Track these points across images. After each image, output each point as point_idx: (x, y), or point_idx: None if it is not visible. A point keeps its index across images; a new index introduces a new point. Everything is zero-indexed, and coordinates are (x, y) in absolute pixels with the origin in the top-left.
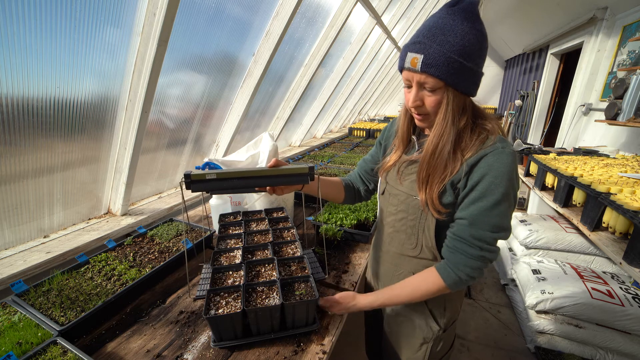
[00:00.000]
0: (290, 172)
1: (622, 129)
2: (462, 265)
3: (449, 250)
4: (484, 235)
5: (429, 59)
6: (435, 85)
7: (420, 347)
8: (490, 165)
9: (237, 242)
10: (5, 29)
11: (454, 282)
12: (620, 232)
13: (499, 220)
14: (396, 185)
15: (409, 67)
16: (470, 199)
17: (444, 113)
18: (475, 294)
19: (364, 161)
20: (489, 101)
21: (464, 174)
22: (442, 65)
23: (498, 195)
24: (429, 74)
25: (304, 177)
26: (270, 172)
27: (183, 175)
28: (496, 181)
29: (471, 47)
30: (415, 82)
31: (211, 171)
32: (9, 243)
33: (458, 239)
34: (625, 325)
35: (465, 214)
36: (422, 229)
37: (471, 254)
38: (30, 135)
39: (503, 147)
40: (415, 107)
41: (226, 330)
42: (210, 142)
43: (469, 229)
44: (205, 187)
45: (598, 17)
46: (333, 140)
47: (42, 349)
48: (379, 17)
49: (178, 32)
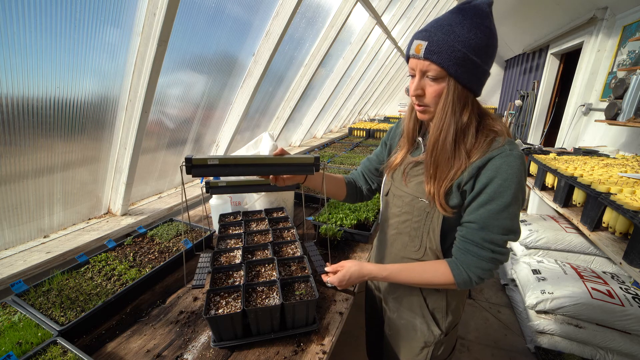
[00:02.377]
0: (295, 162)
1: (622, 129)
2: (474, 267)
3: (460, 251)
4: (494, 238)
5: (432, 45)
6: (437, 74)
7: (421, 351)
8: (498, 167)
9: (237, 242)
10: (5, 29)
11: (464, 281)
12: (620, 232)
13: (508, 223)
14: (401, 186)
15: (413, 53)
16: (479, 202)
17: (444, 103)
18: (475, 294)
19: (369, 160)
20: (488, 101)
21: (471, 176)
22: (445, 53)
23: (507, 198)
24: (432, 60)
25: (309, 167)
26: (275, 160)
27: (184, 159)
28: (505, 184)
29: (477, 41)
30: (419, 69)
31: (213, 156)
32: (9, 243)
33: (469, 241)
34: (625, 325)
35: (475, 217)
36: (426, 231)
37: (483, 256)
38: (30, 135)
39: (511, 149)
40: (416, 97)
41: (226, 330)
42: (210, 142)
43: (479, 233)
44: (207, 172)
45: (598, 17)
46: (333, 140)
47: (42, 349)
48: (379, 17)
49: (178, 32)
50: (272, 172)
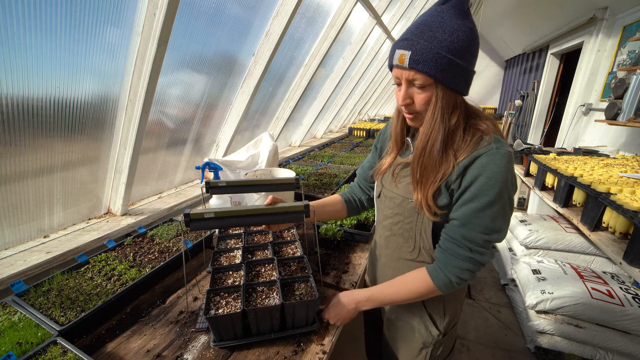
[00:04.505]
0: (286, 210)
1: (622, 129)
2: (451, 266)
3: (440, 251)
4: (474, 236)
5: (416, 55)
6: (424, 82)
7: (420, 352)
8: (483, 166)
9: (237, 242)
10: (5, 29)
11: (443, 284)
12: (620, 232)
13: (490, 222)
14: (392, 188)
15: (397, 64)
16: (463, 199)
17: (433, 110)
18: (475, 294)
19: (362, 168)
20: (488, 101)
21: (458, 175)
22: (430, 61)
23: (491, 196)
24: (417, 70)
25: (299, 215)
26: (266, 210)
27: (182, 214)
28: (490, 182)
29: (460, 44)
30: (405, 79)
31: (209, 210)
32: (9, 243)
33: (449, 239)
34: (625, 325)
35: (457, 214)
36: (418, 232)
37: (460, 254)
38: (30, 135)
39: (497, 147)
40: (406, 106)
41: (226, 330)
42: (210, 142)
43: (459, 229)
44: (204, 225)
45: (598, 17)
46: (333, 140)
47: (42, 349)
48: (379, 17)
49: (178, 32)
50: (265, 222)
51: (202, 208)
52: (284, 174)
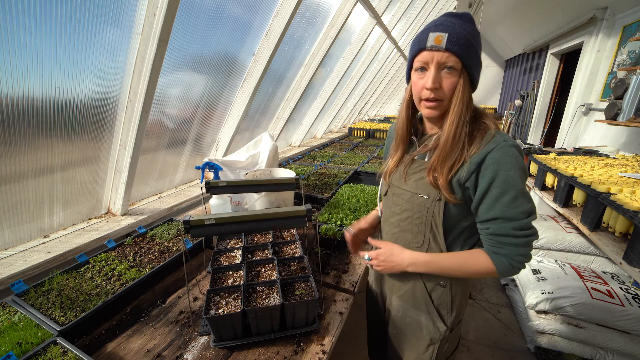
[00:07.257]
0: (288, 215)
1: (622, 129)
2: (515, 255)
3: (495, 247)
4: (522, 224)
5: (453, 37)
6: (454, 65)
7: (427, 349)
8: (498, 160)
9: (237, 242)
10: (5, 29)
11: (506, 270)
12: (620, 232)
13: (526, 206)
14: (400, 184)
15: (431, 45)
16: (493, 197)
17: (460, 97)
18: (475, 294)
19: None
20: (488, 101)
21: (471, 172)
22: (464, 45)
23: (517, 185)
24: (452, 51)
25: (301, 219)
26: (268, 216)
27: (182, 221)
28: (511, 174)
29: (478, 39)
30: (435, 62)
31: (210, 216)
32: (9, 243)
33: (501, 236)
34: (625, 325)
35: (496, 213)
36: (429, 226)
37: (519, 243)
38: (30, 135)
39: (504, 140)
40: (433, 90)
41: (226, 330)
42: (210, 142)
43: (508, 225)
44: (205, 231)
45: (598, 17)
46: (333, 140)
47: (42, 349)
48: (379, 17)
49: (178, 32)
50: (267, 228)
51: (202, 208)
52: (284, 174)
